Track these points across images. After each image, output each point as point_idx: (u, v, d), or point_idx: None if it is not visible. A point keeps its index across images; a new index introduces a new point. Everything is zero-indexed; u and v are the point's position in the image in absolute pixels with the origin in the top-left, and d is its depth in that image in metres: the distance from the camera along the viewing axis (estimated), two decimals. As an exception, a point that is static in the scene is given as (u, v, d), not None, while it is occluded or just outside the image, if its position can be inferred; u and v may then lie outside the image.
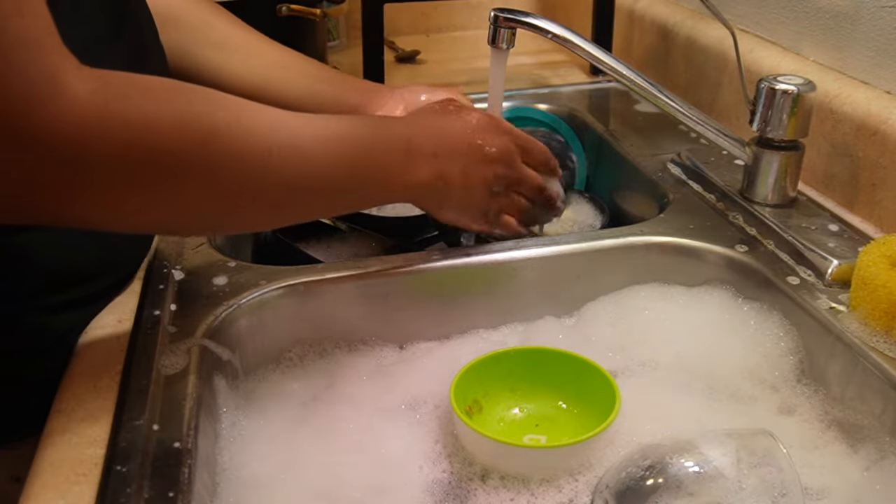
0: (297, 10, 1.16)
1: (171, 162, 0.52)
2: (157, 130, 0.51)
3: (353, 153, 0.65)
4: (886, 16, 0.81)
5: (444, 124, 0.72)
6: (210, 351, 0.66)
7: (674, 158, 0.94)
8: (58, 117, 0.47)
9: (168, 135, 0.52)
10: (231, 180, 0.56)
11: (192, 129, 0.53)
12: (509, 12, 0.81)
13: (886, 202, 0.79)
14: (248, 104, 0.59)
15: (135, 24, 0.72)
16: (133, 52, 0.70)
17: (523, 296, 0.78)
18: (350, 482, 0.62)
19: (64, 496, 0.52)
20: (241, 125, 0.56)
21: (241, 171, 0.57)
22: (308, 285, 0.72)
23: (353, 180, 0.66)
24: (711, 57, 1.06)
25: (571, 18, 1.42)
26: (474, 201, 0.73)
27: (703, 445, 0.56)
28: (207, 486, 0.57)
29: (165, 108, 0.52)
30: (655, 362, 0.72)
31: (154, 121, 0.51)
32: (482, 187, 0.72)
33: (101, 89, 0.49)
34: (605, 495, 0.56)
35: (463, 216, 0.74)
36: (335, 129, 0.64)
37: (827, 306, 0.69)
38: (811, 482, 0.60)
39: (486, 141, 0.72)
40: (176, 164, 0.53)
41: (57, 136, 0.47)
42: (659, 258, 0.79)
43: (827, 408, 0.66)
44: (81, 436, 0.57)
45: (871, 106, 0.80)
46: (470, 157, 0.71)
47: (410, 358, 0.74)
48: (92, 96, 0.48)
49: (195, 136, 0.53)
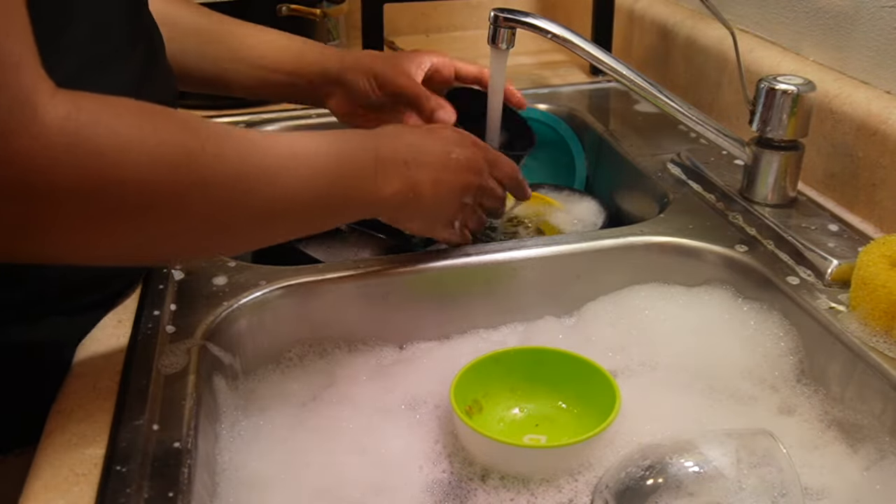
0: (297, 10, 1.16)
1: (140, 190, 0.51)
2: (126, 158, 0.50)
3: (321, 171, 0.63)
4: (886, 16, 0.81)
5: (412, 136, 0.71)
6: (210, 351, 0.66)
7: (674, 158, 0.94)
8: (28, 146, 0.45)
9: (137, 162, 0.50)
10: (199, 208, 0.55)
11: (159, 156, 0.51)
12: (509, 12, 0.81)
13: (886, 202, 0.79)
14: (218, 128, 0.57)
15: (146, 33, 0.72)
16: (146, 62, 0.70)
17: (523, 296, 0.78)
18: (350, 482, 0.62)
19: (64, 496, 0.52)
20: (209, 152, 0.54)
21: (210, 198, 0.55)
22: (308, 285, 0.72)
23: (324, 199, 0.64)
24: (711, 57, 1.06)
25: (571, 18, 1.42)
26: (444, 211, 0.72)
27: (703, 445, 0.56)
28: (207, 486, 0.57)
29: (136, 134, 0.50)
30: (655, 362, 0.73)
31: (124, 148, 0.49)
32: (452, 197, 0.71)
33: (72, 115, 0.47)
34: (604, 495, 0.56)
35: (433, 226, 0.73)
36: (300, 149, 0.62)
37: (827, 306, 0.69)
38: (811, 482, 0.60)
39: (456, 151, 0.71)
40: (145, 192, 0.51)
41: (26, 167, 0.45)
42: (659, 258, 0.79)
43: (827, 408, 0.66)
44: (81, 436, 0.57)
45: (871, 106, 0.80)
46: (440, 166, 0.70)
47: (410, 358, 0.74)
48: (64, 122, 0.47)
49: (164, 163, 0.52)
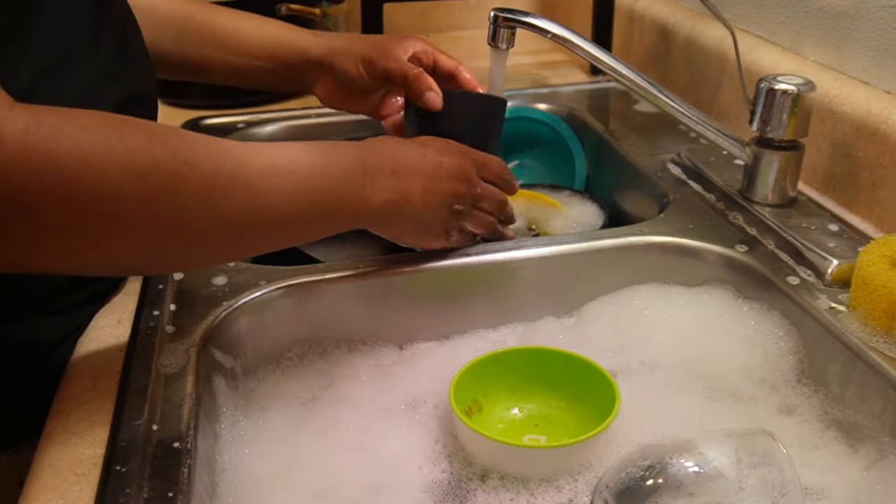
0: (296, 10, 1.16)
1: (106, 200, 0.50)
2: (89, 170, 0.49)
3: (306, 180, 0.62)
4: (886, 16, 0.81)
5: (398, 145, 0.70)
6: (209, 351, 0.66)
7: (674, 158, 0.94)
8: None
9: (103, 171, 0.49)
10: (170, 217, 0.53)
11: (126, 165, 0.50)
12: (509, 12, 0.81)
13: (886, 202, 0.79)
14: (191, 137, 0.56)
15: (117, 25, 0.71)
16: (116, 54, 0.69)
17: (523, 296, 0.78)
18: (350, 482, 0.62)
19: (63, 496, 0.52)
20: (178, 159, 0.53)
21: (181, 206, 0.53)
22: (308, 285, 0.72)
23: (309, 209, 0.62)
24: (711, 57, 1.06)
25: (571, 18, 1.42)
26: (435, 219, 0.71)
27: (703, 445, 0.56)
28: (207, 486, 0.57)
29: (100, 144, 0.49)
30: (655, 362, 0.73)
31: (87, 159, 0.49)
32: (443, 204, 0.70)
33: (31, 129, 0.47)
34: (604, 495, 0.56)
35: (426, 236, 0.73)
36: (281, 159, 0.60)
37: (827, 306, 0.68)
38: (811, 482, 0.60)
39: (442, 159, 0.70)
40: (111, 202, 0.50)
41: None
42: (659, 258, 0.79)
43: (827, 408, 0.66)
44: (81, 436, 0.57)
45: (871, 106, 0.80)
46: (429, 174, 0.69)
47: (410, 358, 0.74)
48: (22, 136, 0.46)
49: (130, 173, 0.50)
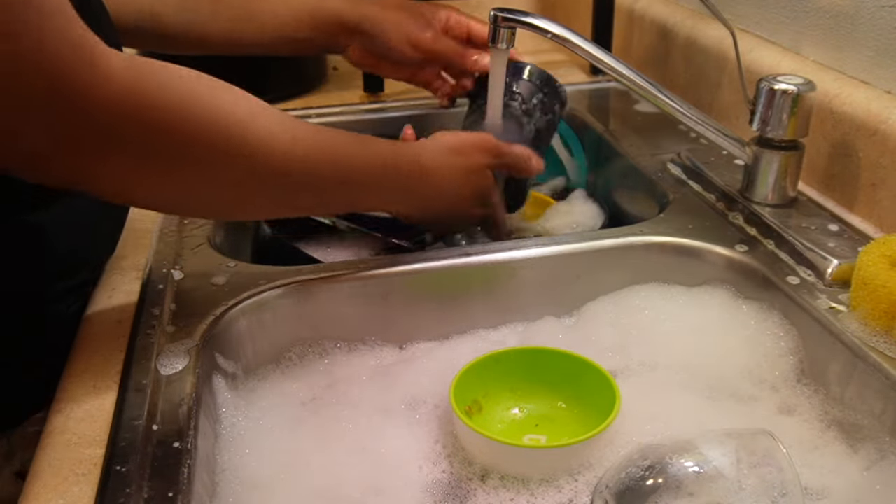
0: (296, 10, 1.16)
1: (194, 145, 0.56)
2: (185, 116, 0.55)
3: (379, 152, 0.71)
4: (886, 16, 0.81)
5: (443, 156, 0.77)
6: (209, 351, 0.66)
7: (674, 158, 0.94)
8: (94, 85, 0.50)
9: (195, 121, 0.56)
10: (242, 170, 0.60)
11: (215, 119, 0.57)
12: (509, 12, 0.81)
13: (886, 202, 0.79)
14: (259, 104, 0.62)
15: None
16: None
17: (523, 296, 0.78)
18: (350, 482, 0.62)
19: (63, 496, 0.52)
20: (258, 123, 0.60)
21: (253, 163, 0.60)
22: (308, 285, 0.72)
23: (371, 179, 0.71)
24: (711, 57, 1.06)
25: (571, 18, 1.42)
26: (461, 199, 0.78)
27: (703, 445, 0.56)
28: (207, 486, 0.57)
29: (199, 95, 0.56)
30: (655, 362, 0.72)
31: (185, 106, 0.55)
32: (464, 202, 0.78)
33: (132, 67, 0.52)
34: (604, 495, 0.56)
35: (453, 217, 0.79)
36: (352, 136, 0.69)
37: (827, 306, 0.68)
38: (811, 482, 0.60)
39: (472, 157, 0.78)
40: (197, 149, 0.57)
41: (93, 103, 0.50)
42: (659, 258, 0.79)
43: (827, 408, 0.66)
44: (81, 436, 0.57)
45: (871, 106, 0.80)
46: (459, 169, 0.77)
47: (410, 358, 0.74)
48: (125, 72, 0.51)
49: (217, 126, 0.57)
